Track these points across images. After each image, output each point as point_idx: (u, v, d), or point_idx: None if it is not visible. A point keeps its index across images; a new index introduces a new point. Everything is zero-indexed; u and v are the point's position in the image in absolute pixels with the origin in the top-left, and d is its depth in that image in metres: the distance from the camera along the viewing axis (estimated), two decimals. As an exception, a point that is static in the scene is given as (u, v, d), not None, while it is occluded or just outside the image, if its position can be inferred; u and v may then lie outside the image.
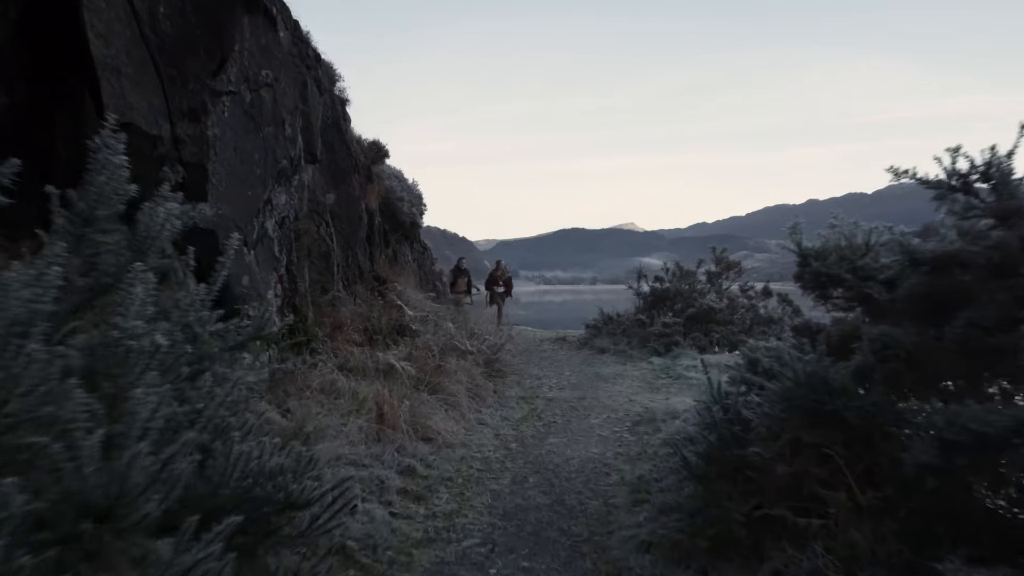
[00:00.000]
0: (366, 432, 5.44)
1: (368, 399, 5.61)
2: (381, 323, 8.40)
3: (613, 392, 9.59)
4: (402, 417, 5.63)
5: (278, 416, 5.11)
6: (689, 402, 8.10)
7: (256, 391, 5.34)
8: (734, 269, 14.92)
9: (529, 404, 8.40)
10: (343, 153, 11.00)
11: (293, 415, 5.20)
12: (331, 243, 9.74)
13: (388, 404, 5.56)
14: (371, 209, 11.65)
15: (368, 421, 5.48)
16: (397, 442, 5.53)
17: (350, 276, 10.68)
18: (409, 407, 6.06)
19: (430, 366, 7.12)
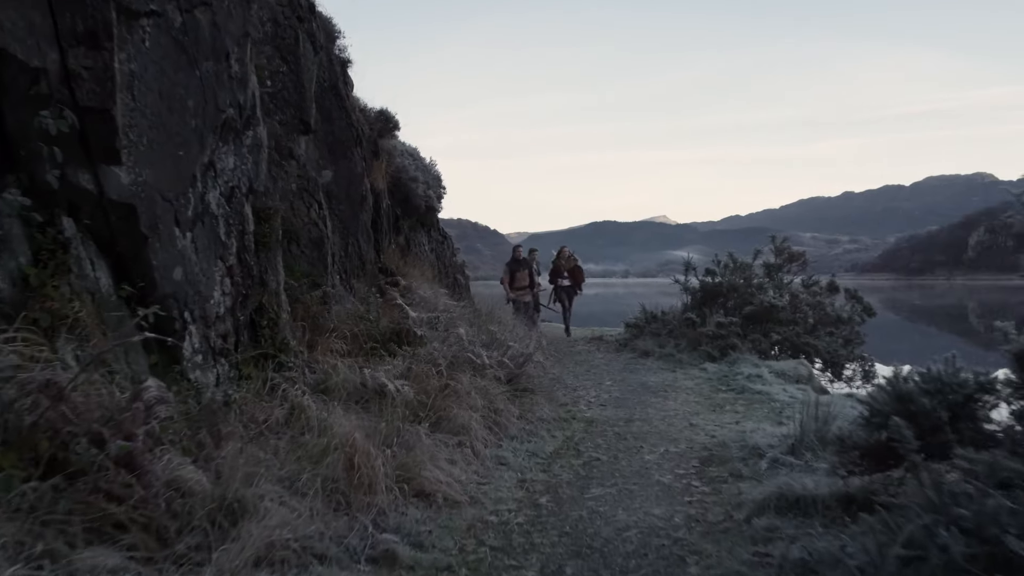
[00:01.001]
0: (331, 493, 3.74)
1: (337, 443, 3.91)
2: (379, 327, 6.72)
3: (666, 410, 7.80)
4: (382, 470, 3.92)
5: (196, 474, 3.43)
6: (769, 430, 6.31)
7: (169, 433, 3.69)
8: (797, 261, 13.02)
9: (564, 429, 6.65)
10: (343, 123, 9.33)
11: (223, 470, 3.52)
12: (324, 228, 8.08)
13: (362, 453, 3.86)
14: (378, 190, 9.98)
15: (335, 475, 3.79)
16: (376, 507, 3.82)
17: (349, 268, 9.01)
18: (396, 451, 4.35)
19: (434, 386, 5.42)
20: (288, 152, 8.02)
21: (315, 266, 7.86)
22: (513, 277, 14.75)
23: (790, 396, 8.60)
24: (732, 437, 6.31)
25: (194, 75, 4.42)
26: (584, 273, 16.23)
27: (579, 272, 15.96)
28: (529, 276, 14.83)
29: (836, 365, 11.99)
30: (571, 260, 15.90)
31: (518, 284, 14.66)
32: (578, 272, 15.91)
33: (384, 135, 10.22)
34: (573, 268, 15.79)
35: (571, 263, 15.82)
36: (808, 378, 10.60)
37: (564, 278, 15.69)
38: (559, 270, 15.78)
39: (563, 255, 15.88)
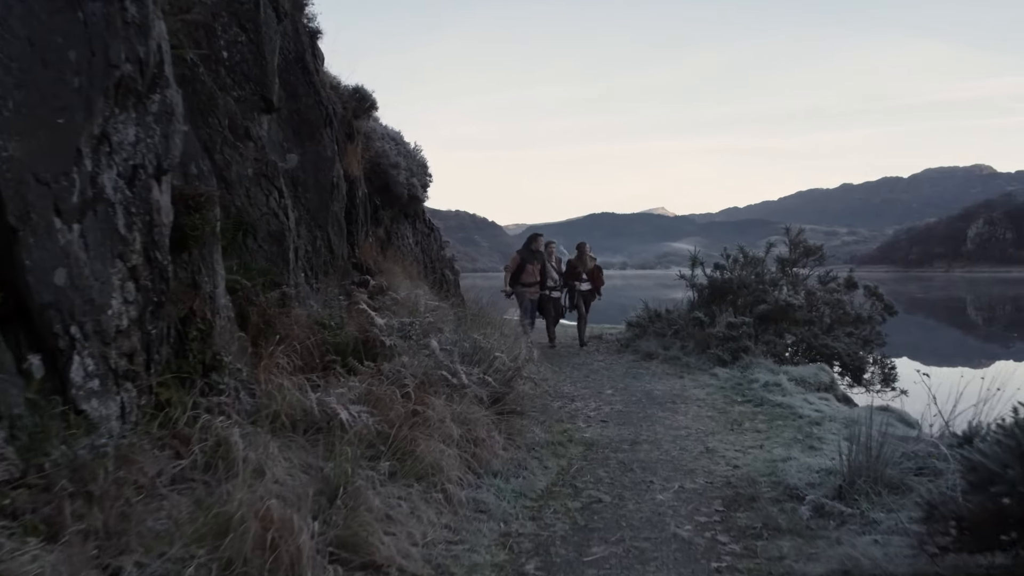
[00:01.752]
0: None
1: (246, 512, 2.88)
2: (341, 336, 5.69)
3: (676, 428, 6.79)
4: (311, 545, 2.89)
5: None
6: (803, 460, 5.29)
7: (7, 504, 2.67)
8: (815, 255, 11.98)
9: (558, 457, 5.62)
10: (310, 100, 8.27)
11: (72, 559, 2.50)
12: (286, 219, 7.04)
13: (281, 525, 2.83)
14: (352, 176, 8.92)
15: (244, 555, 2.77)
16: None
17: (317, 264, 7.98)
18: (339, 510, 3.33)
19: (398, 414, 4.38)
20: (244, 132, 6.98)
21: (275, 263, 6.83)
22: (522, 269, 12.64)
23: (815, 410, 7.60)
24: (759, 468, 5.30)
25: (76, 18, 3.38)
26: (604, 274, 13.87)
27: (599, 274, 13.57)
28: (541, 273, 12.73)
29: (857, 369, 10.98)
30: (590, 259, 13.60)
31: (527, 279, 12.61)
32: (598, 274, 13.53)
33: (360, 115, 9.17)
34: (593, 269, 13.51)
35: (590, 264, 13.52)
36: (830, 386, 9.60)
37: (583, 280, 13.32)
38: (576, 271, 13.35)
39: (583, 253, 13.54)
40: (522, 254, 12.83)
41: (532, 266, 12.60)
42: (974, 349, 28.37)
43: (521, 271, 12.61)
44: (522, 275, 12.59)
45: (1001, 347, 29.30)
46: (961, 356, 24.44)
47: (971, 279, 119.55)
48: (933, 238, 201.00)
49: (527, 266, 12.58)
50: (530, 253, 12.77)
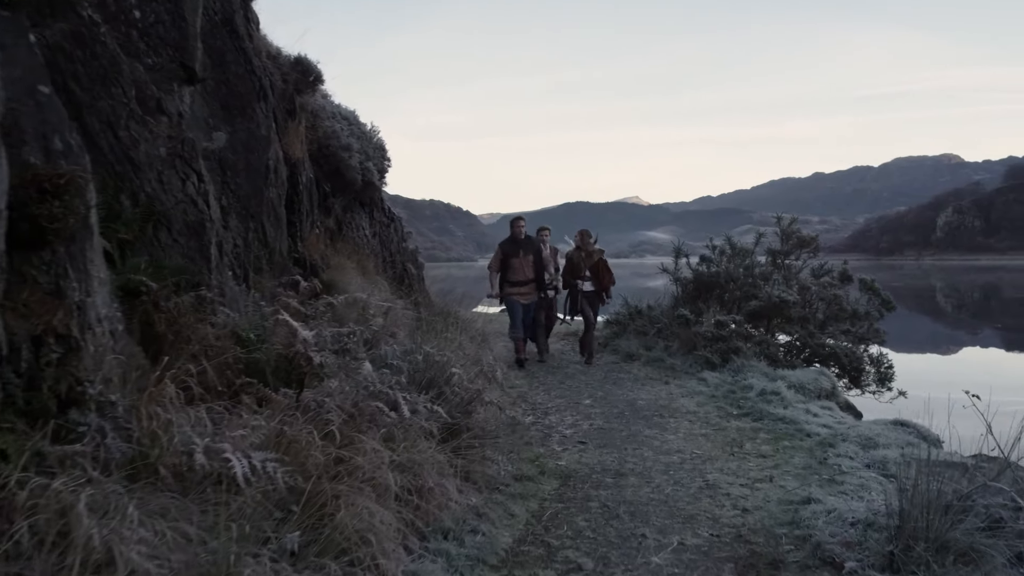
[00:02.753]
0: None
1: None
2: (261, 352, 4.62)
3: (667, 452, 5.80)
4: None
5: None
6: (829, 501, 4.31)
7: None
8: (809, 247, 11.04)
9: (527, 500, 4.58)
10: (241, 70, 7.13)
11: None
12: (206, 208, 5.92)
13: None
14: (295, 159, 7.80)
15: None
16: None
17: (249, 261, 6.87)
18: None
19: (316, 463, 3.32)
20: (157, 105, 5.85)
21: (193, 259, 5.73)
22: (507, 265, 9.93)
23: (823, 425, 6.66)
24: (775, 513, 4.30)
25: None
26: (613, 272, 10.65)
27: (606, 270, 10.41)
28: (535, 267, 10.03)
29: (856, 371, 10.07)
30: (594, 252, 10.45)
31: (515, 277, 9.92)
32: (605, 270, 10.37)
33: (304, 90, 8.05)
34: (598, 264, 10.33)
35: (595, 257, 10.38)
36: (832, 392, 8.68)
37: (585, 278, 10.31)
38: (577, 266, 10.35)
39: (585, 243, 10.47)
40: (504, 248, 10.05)
41: (519, 260, 9.91)
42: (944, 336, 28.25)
43: (506, 268, 9.95)
44: (508, 273, 9.96)
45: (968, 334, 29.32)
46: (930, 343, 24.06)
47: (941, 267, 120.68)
48: (903, 227, 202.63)
49: (511, 261, 9.89)
50: (513, 244, 10.05)
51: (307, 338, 4.42)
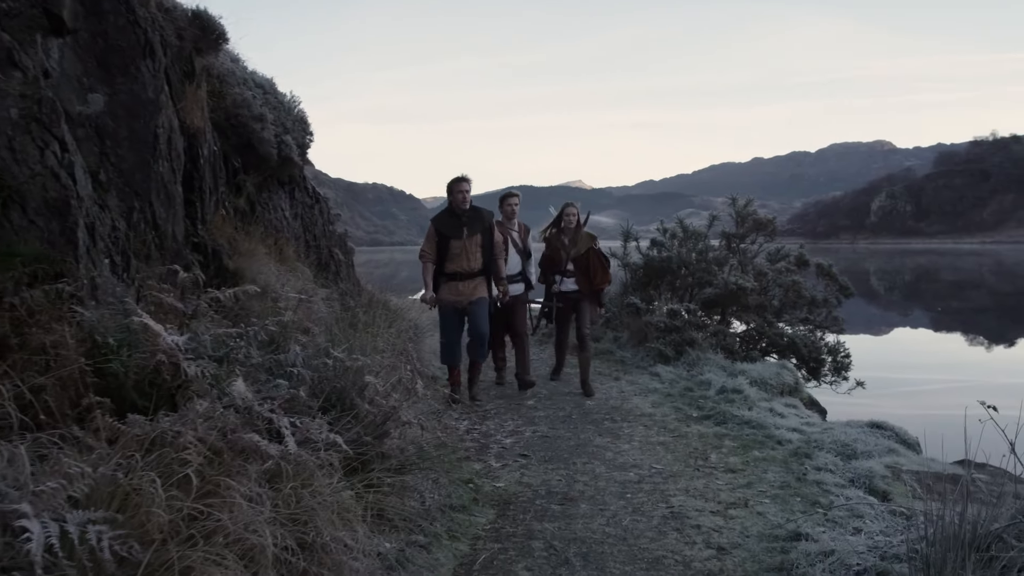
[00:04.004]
0: None
1: None
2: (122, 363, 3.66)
3: (623, 467, 5.00)
4: None
5: None
6: (824, 540, 3.55)
7: None
8: (765, 231, 10.38)
9: (456, 540, 3.71)
10: (122, 21, 6.02)
11: None
12: (72, 184, 4.87)
13: None
14: (194, 128, 6.74)
15: None
16: None
17: (133, 247, 5.84)
18: None
19: (159, 523, 2.42)
20: (7, 59, 4.79)
21: (55, 244, 4.70)
22: (446, 251, 6.78)
23: (792, 429, 5.97)
24: (758, 556, 3.51)
25: None
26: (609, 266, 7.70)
27: (599, 265, 7.41)
28: (485, 250, 6.83)
29: (816, 362, 9.47)
30: (584, 237, 7.47)
31: (453, 267, 6.78)
32: (597, 265, 7.39)
33: (205, 50, 7.00)
34: (587, 254, 7.38)
35: (582, 243, 7.41)
36: (795, 387, 8.03)
37: (566, 273, 7.48)
38: (555, 254, 7.55)
39: (567, 222, 7.52)
40: (439, 224, 6.85)
41: (461, 243, 6.71)
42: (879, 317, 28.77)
43: (444, 256, 6.77)
44: (449, 261, 6.78)
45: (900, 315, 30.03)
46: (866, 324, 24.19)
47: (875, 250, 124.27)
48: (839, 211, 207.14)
49: (451, 244, 6.72)
50: (451, 219, 6.81)
51: (175, 343, 3.47)
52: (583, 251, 7.40)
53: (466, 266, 6.78)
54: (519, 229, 7.66)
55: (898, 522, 3.62)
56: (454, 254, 6.77)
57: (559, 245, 7.52)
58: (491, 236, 6.88)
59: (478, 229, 6.79)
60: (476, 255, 6.79)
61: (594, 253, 7.41)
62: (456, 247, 6.75)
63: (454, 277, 6.79)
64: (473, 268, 6.79)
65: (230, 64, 8.06)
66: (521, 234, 7.63)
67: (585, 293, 7.41)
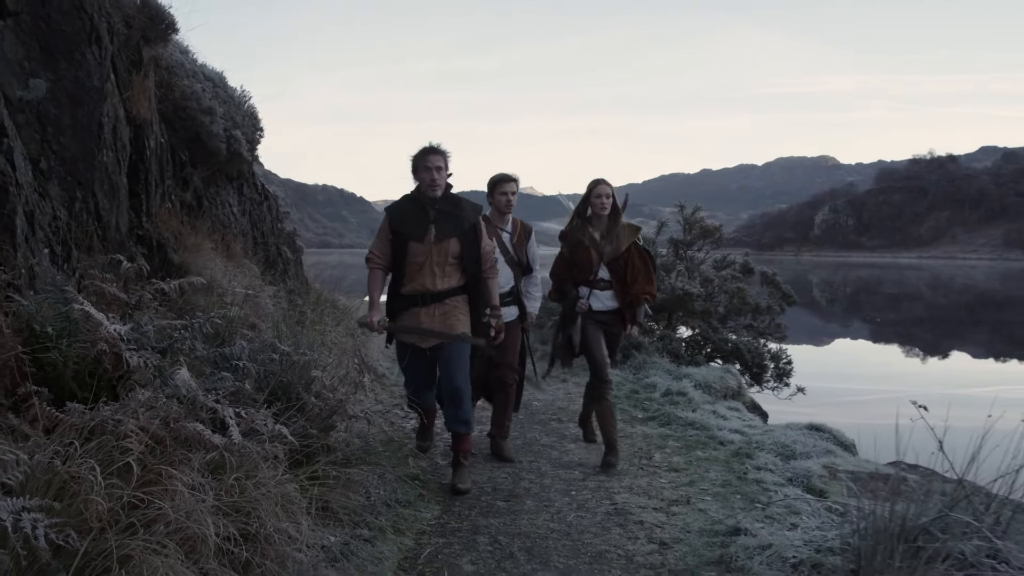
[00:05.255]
0: None
1: None
2: (62, 352, 3.57)
3: (568, 465, 5.06)
4: None
5: None
6: (763, 535, 3.63)
7: None
8: (712, 238, 10.57)
9: (401, 534, 3.68)
10: (67, 5, 5.89)
11: None
12: (10, 172, 4.75)
13: None
14: (140, 119, 6.62)
15: None
16: None
17: (76, 239, 5.70)
18: None
19: (98, 511, 2.39)
20: (-55, 39, 4.71)
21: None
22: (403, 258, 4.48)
23: (734, 430, 6.10)
24: (699, 550, 3.59)
25: None
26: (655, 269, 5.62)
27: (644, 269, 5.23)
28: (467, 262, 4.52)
29: (759, 367, 9.68)
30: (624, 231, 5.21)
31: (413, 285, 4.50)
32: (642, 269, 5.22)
33: (153, 39, 6.88)
34: (628, 254, 5.19)
35: (624, 237, 5.19)
36: (738, 391, 8.20)
37: (597, 284, 5.25)
38: (583, 257, 5.22)
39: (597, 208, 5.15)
40: (393, 215, 4.60)
41: (424, 248, 4.43)
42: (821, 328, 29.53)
43: (400, 265, 4.52)
44: (401, 277, 4.54)
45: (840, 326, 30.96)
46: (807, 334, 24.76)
47: (818, 263, 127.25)
48: (784, 223, 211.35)
49: (411, 249, 4.46)
50: (412, 210, 4.54)
51: (117, 333, 3.41)
52: (623, 249, 5.12)
53: (431, 285, 4.44)
54: (514, 230, 5.38)
55: (833, 518, 3.73)
56: (414, 265, 4.45)
57: (587, 242, 5.16)
58: (476, 242, 4.54)
59: (453, 230, 4.45)
60: (448, 269, 4.47)
61: (636, 251, 5.19)
62: (418, 254, 4.43)
63: (414, 301, 4.49)
64: (441, 289, 4.46)
65: (179, 56, 7.93)
66: (516, 237, 5.35)
67: (623, 311, 5.24)
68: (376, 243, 4.71)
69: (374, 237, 4.85)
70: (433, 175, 4.43)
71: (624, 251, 5.16)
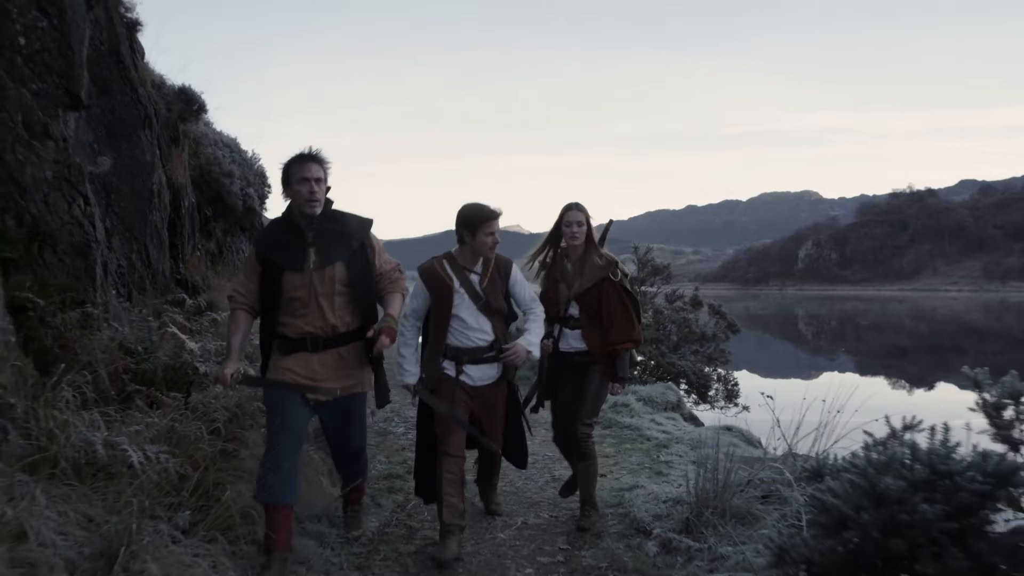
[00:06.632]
0: None
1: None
2: (149, 363, 5.03)
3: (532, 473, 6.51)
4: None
5: None
6: (651, 488, 5.10)
7: None
8: (662, 274, 12.13)
9: (394, 493, 5.15)
10: (127, 98, 7.48)
11: None
12: (92, 230, 6.24)
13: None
14: (177, 184, 8.16)
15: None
16: None
17: (133, 281, 7.19)
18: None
19: (204, 454, 3.82)
20: (44, 130, 6.16)
21: (79, 278, 6.04)
22: (277, 294, 3.78)
23: (663, 431, 7.53)
24: (606, 499, 5.06)
25: None
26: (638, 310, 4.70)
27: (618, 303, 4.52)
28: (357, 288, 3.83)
29: (703, 387, 11.17)
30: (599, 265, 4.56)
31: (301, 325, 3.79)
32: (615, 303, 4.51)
33: (188, 118, 8.42)
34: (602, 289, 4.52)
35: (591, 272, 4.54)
36: (677, 405, 9.64)
37: (567, 321, 4.63)
38: (552, 292, 4.68)
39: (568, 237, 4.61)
40: (262, 244, 3.93)
41: (305, 279, 3.77)
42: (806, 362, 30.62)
43: (275, 303, 3.84)
44: (278, 316, 3.86)
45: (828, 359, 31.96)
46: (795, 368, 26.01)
47: (801, 296, 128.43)
48: (768, 258, 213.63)
49: (285, 279, 3.78)
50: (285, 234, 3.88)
51: (193, 349, 4.88)
52: (589, 284, 4.53)
53: (322, 324, 3.78)
54: (485, 269, 4.23)
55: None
56: (294, 301, 3.77)
57: (556, 274, 4.69)
58: (368, 265, 3.89)
59: (339, 253, 3.81)
60: (339, 302, 3.80)
61: (611, 288, 4.53)
62: (297, 287, 3.75)
63: (300, 345, 3.80)
64: (336, 327, 3.80)
65: (203, 128, 9.48)
66: (487, 278, 4.22)
67: (596, 356, 4.59)
68: (240, 279, 3.98)
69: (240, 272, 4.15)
70: (312, 187, 3.69)
71: (595, 287, 4.49)
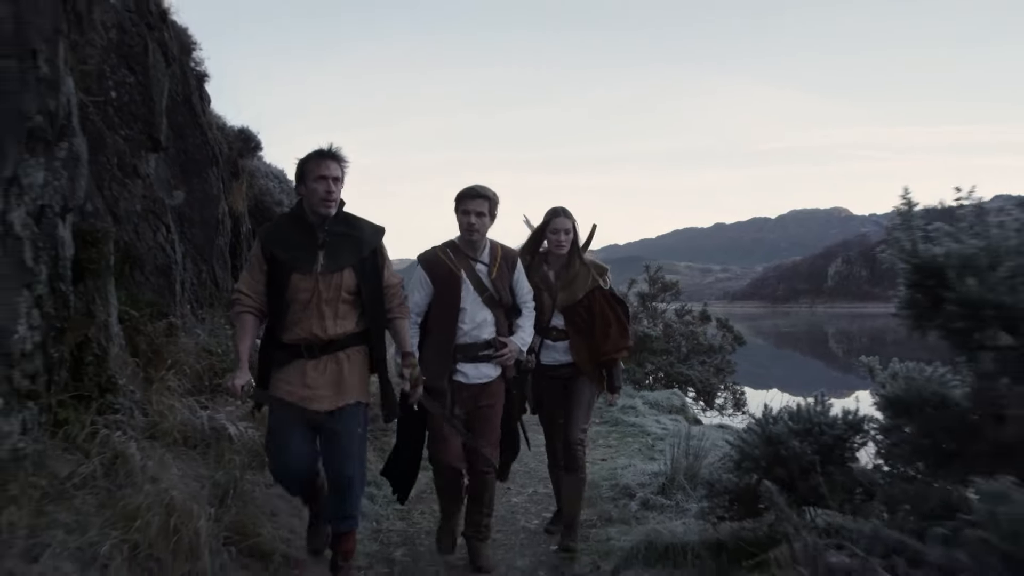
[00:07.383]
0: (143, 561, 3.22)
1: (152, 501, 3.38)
2: (227, 362, 6.16)
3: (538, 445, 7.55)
4: (207, 531, 3.41)
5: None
6: (640, 467, 6.12)
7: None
8: (671, 291, 13.15)
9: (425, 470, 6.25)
10: (197, 140, 8.69)
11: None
12: (173, 253, 7.44)
13: (182, 512, 3.34)
14: (237, 212, 9.35)
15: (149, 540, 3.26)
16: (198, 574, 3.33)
17: (203, 296, 8.36)
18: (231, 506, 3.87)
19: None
20: (133, 170, 7.38)
21: (162, 295, 7.22)
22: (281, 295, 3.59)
23: (663, 428, 8.52)
24: (603, 475, 6.09)
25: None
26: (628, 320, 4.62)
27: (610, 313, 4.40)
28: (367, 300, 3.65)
29: (708, 394, 12.13)
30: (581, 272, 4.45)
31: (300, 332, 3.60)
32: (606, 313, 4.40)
33: (245, 155, 9.62)
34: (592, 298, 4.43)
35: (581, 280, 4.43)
36: (681, 408, 10.62)
37: (551, 333, 4.50)
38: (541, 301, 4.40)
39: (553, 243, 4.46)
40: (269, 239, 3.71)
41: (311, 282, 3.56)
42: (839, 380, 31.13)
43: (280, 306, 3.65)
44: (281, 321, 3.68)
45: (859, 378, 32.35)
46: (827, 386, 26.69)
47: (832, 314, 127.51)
48: (798, 275, 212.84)
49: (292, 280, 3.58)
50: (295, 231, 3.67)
51: (264, 350, 5.99)
52: (580, 295, 4.40)
53: (319, 330, 3.60)
54: (492, 259, 4.15)
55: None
56: (297, 304, 3.60)
57: (539, 282, 4.45)
58: (378, 273, 3.73)
59: (349, 258, 3.64)
60: (342, 309, 3.64)
61: (602, 297, 4.44)
62: (301, 289, 3.57)
63: (297, 352, 3.65)
64: (333, 335, 3.62)
65: (256, 162, 10.68)
66: (495, 269, 4.13)
67: (585, 368, 4.45)
68: (245, 278, 3.75)
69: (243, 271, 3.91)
70: (329, 186, 3.52)
71: (585, 297, 4.37)
